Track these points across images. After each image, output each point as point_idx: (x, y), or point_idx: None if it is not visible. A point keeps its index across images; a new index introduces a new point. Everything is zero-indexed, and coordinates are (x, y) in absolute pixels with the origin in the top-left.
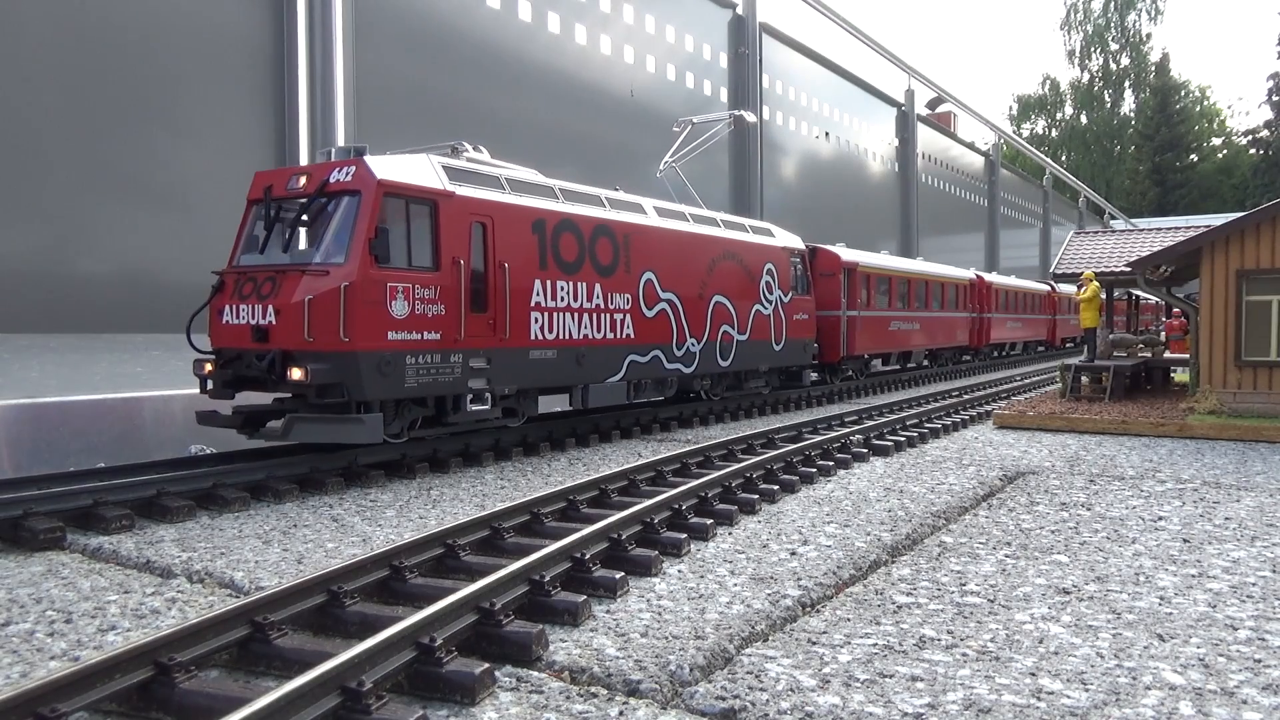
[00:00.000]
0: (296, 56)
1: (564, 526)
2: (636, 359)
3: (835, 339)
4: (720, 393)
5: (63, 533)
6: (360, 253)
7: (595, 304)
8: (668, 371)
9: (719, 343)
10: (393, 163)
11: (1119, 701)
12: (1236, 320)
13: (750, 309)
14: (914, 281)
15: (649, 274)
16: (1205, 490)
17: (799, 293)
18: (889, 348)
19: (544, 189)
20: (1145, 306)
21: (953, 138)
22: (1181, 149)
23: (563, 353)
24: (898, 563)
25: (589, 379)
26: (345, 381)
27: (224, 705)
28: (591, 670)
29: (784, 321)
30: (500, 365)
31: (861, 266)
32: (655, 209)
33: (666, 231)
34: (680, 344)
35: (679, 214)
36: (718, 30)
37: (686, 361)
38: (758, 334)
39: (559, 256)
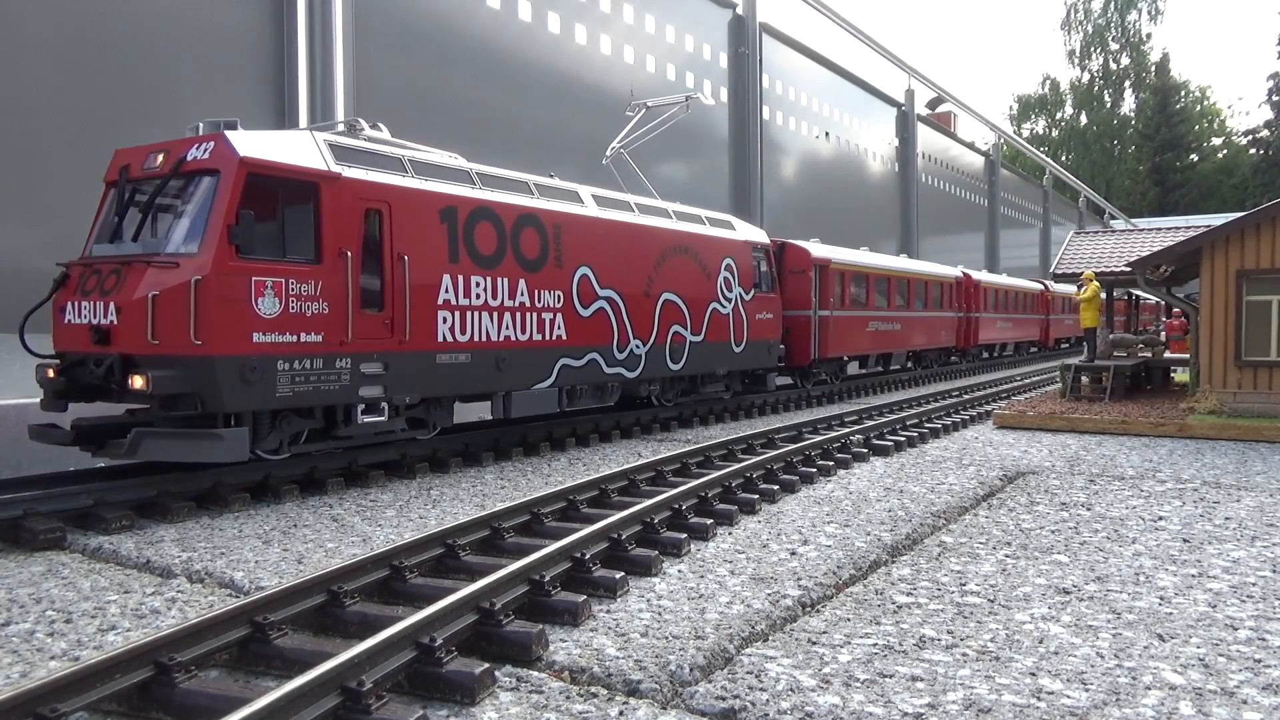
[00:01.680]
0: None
1: (564, 526)
2: (570, 363)
3: (806, 340)
4: (673, 398)
5: (63, 533)
6: (217, 242)
7: (519, 302)
8: (608, 376)
9: (669, 344)
10: (263, 139)
11: (1119, 701)
12: (1236, 320)
13: (706, 308)
14: (894, 279)
15: (584, 269)
16: (1205, 490)
17: (763, 290)
18: (867, 349)
19: (456, 173)
20: (1145, 306)
21: (953, 138)
22: (1181, 149)
23: (479, 356)
24: (898, 563)
25: (512, 385)
26: (199, 391)
27: (224, 705)
28: (591, 670)
29: (745, 321)
30: (400, 371)
31: (835, 263)
32: (594, 197)
33: (606, 223)
34: (622, 346)
35: (622, 204)
36: (718, 30)
37: (630, 365)
38: (714, 335)
39: (474, 249)
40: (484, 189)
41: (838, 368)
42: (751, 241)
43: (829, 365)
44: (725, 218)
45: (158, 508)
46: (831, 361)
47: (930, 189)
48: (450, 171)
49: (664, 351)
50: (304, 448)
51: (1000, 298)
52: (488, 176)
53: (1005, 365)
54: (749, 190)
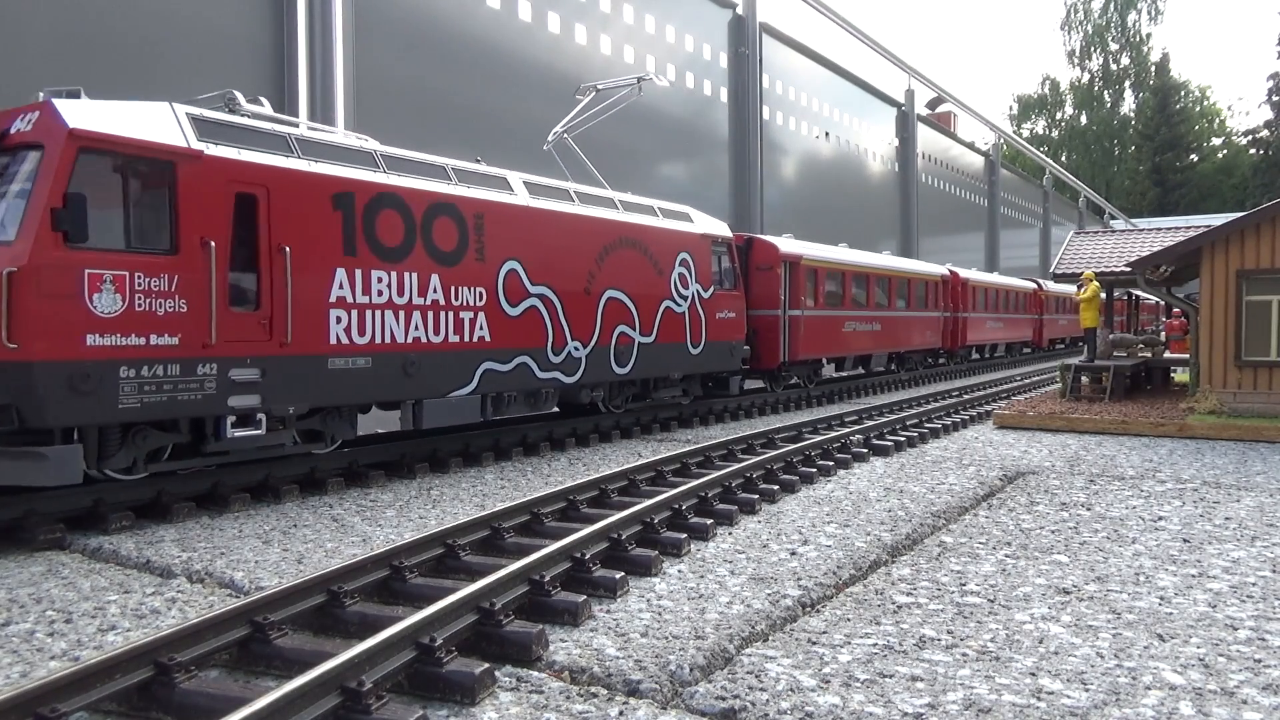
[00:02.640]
0: (296, 56)
1: (564, 526)
2: (494, 367)
3: (774, 342)
4: (621, 404)
5: (63, 533)
6: (37, 228)
7: (432, 300)
8: (541, 381)
9: (614, 346)
10: (104, 110)
11: (1119, 701)
12: (1236, 320)
13: (657, 306)
14: (874, 277)
15: (512, 263)
16: (1205, 490)
17: (724, 288)
18: (843, 351)
19: (355, 154)
20: (1145, 306)
21: (953, 138)
22: (1181, 149)
23: (382, 360)
24: (898, 563)
25: (424, 392)
26: (16, 402)
27: (224, 705)
28: (591, 670)
29: (704, 321)
30: (281, 377)
31: (807, 260)
32: (526, 185)
33: (540, 213)
34: (558, 348)
35: (560, 192)
36: (718, 30)
37: (568, 369)
38: (668, 335)
39: (376, 240)
40: (390, 173)
41: (812, 370)
42: (711, 235)
43: (801, 368)
44: (681, 209)
45: (158, 508)
46: (804, 364)
47: (930, 189)
48: (347, 153)
49: (608, 354)
50: (165, 466)
51: (990, 297)
52: (395, 159)
53: (995, 367)
54: (749, 190)
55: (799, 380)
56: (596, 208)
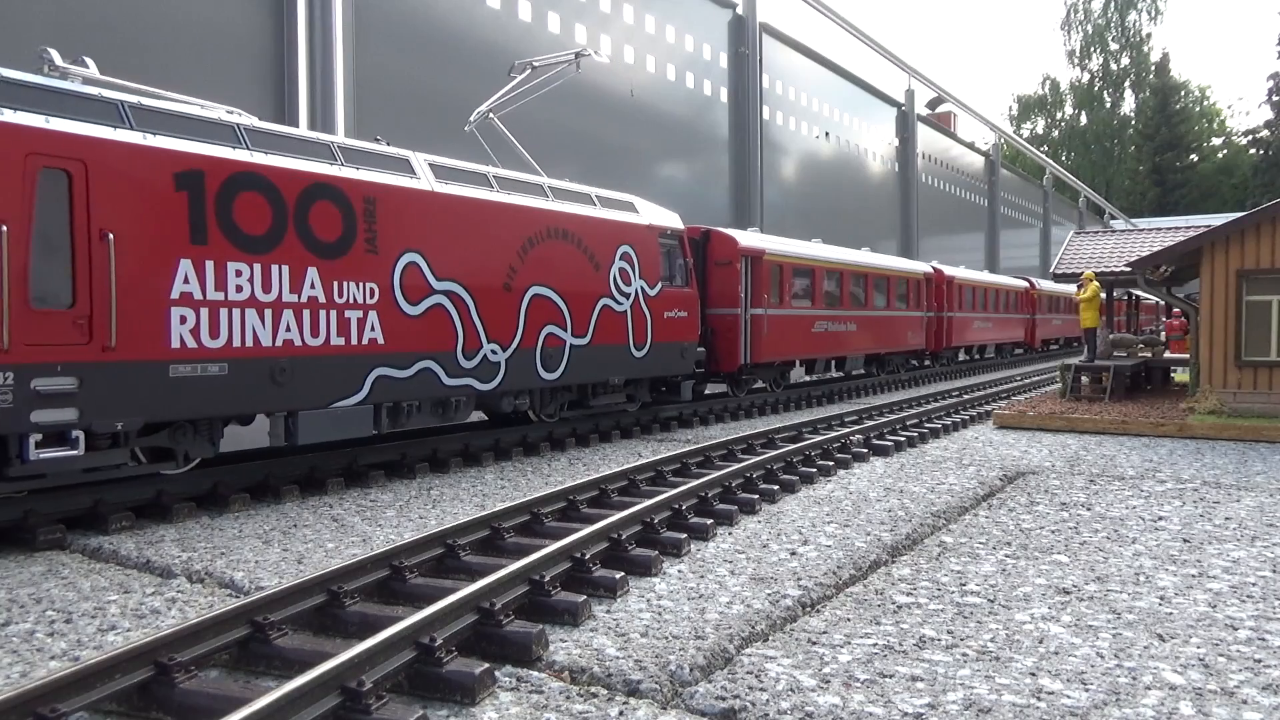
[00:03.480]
0: (296, 56)
1: (564, 526)
2: (390, 373)
3: (734, 342)
4: (555, 413)
5: (63, 533)
6: None
7: (308, 297)
8: (450, 389)
9: (540, 349)
10: None
11: (1119, 701)
12: (1236, 320)
13: (593, 305)
14: (848, 274)
15: (413, 256)
16: (1205, 490)
17: (674, 284)
18: (813, 352)
19: (209, 127)
20: (1145, 306)
21: (953, 138)
22: (1181, 149)
23: (242, 367)
24: (898, 563)
25: (298, 402)
26: None
27: (224, 705)
28: (591, 670)
29: (649, 321)
30: (104, 388)
31: (770, 255)
32: (432, 168)
33: (448, 199)
34: (471, 351)
35: (475, 177)
36: (718, 30)
37: (484, 375)
38: (606, 337)
39: (233, 227)
40: (255, 150)
41: (778, 374)
42: (659, 226)
43: (766, 371)
44: (625, 198)
45: (158, 508)
46: (768, 367)
47: (930, 189)
48: (198, 125)
49: (533, 358)
50: None
51: (978, 296)
52: (265, 135)
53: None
54: (749, 190)
55: (765, 384)
56: (520, 195)
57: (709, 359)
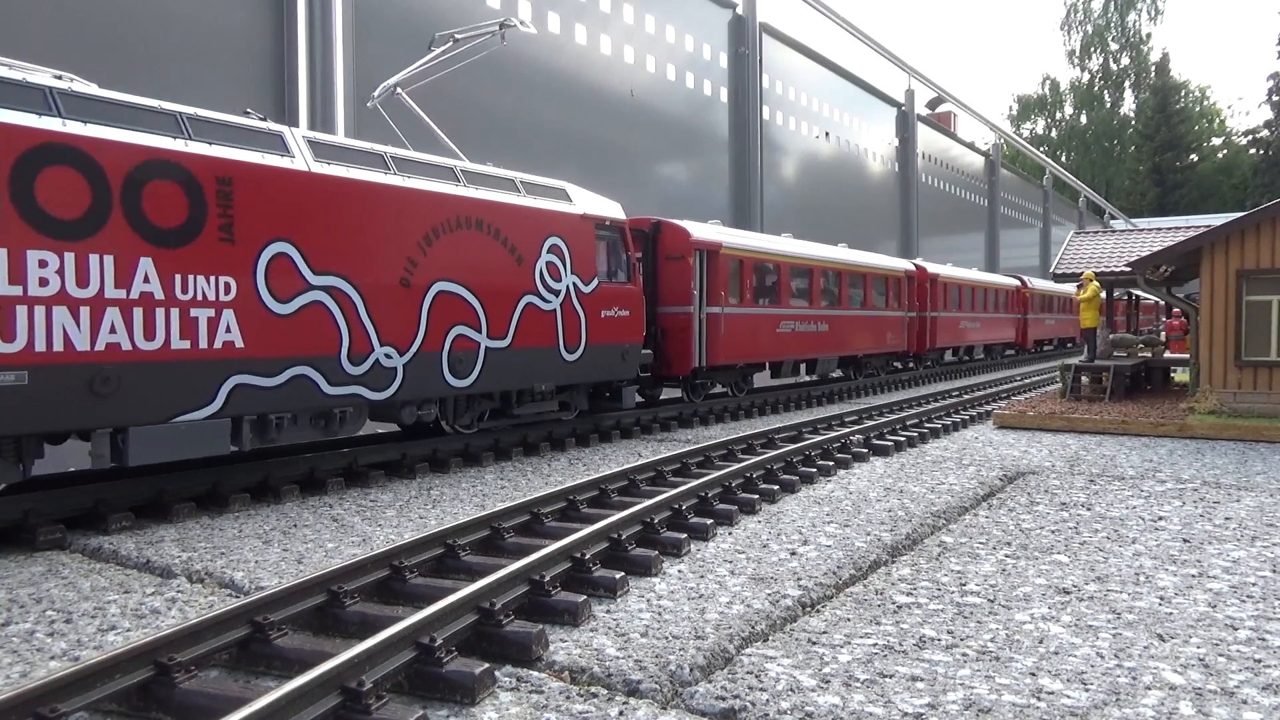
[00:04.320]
0: (296, 56)
1: (564, 526)
2: (252, 381)
3: (686, 344)
4: (471, 423)
5: (63, 533)
6: None
7: (140, 292)
8: (332, 399)
9: (447, 352)
10: None
11: (1119, 701)
12: (1236, 320)
13: (514, 303)
14: (819, 271)
15: (283, 246)
16: (1205, 490)
17: (615, 280)
18: (779, 354)
19: (14, 90)
20: (1145, 306)
21: (953, 138)
22: (1181, 149)
23: (47, 376)
24: (898, 563)
25: (128, 417)
26: None
27: (224, 705)
28: (591, 670)
29: (583, 320)
30: None
31: (729, 249)
32: (310, 144)
33: (329, 181)
34: (359, 355)
35: (368, 157)
36: (718, 30)
37: (376, 382)
38: (530, 338)
39: (36, 208)
40: (68, 118)
41: (739, 377)
42: (594, 216)
43: (725, 374)
44: (556, 184)
45: (158, 508)
46: (727, 370)
47: (930, 189)
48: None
49: (438, 362)
50: None
51: (965, 294)
52: (82, 100)
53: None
54: (749, 190)
55: (726, 389)
56: (425, 179)
57: (659, 362)
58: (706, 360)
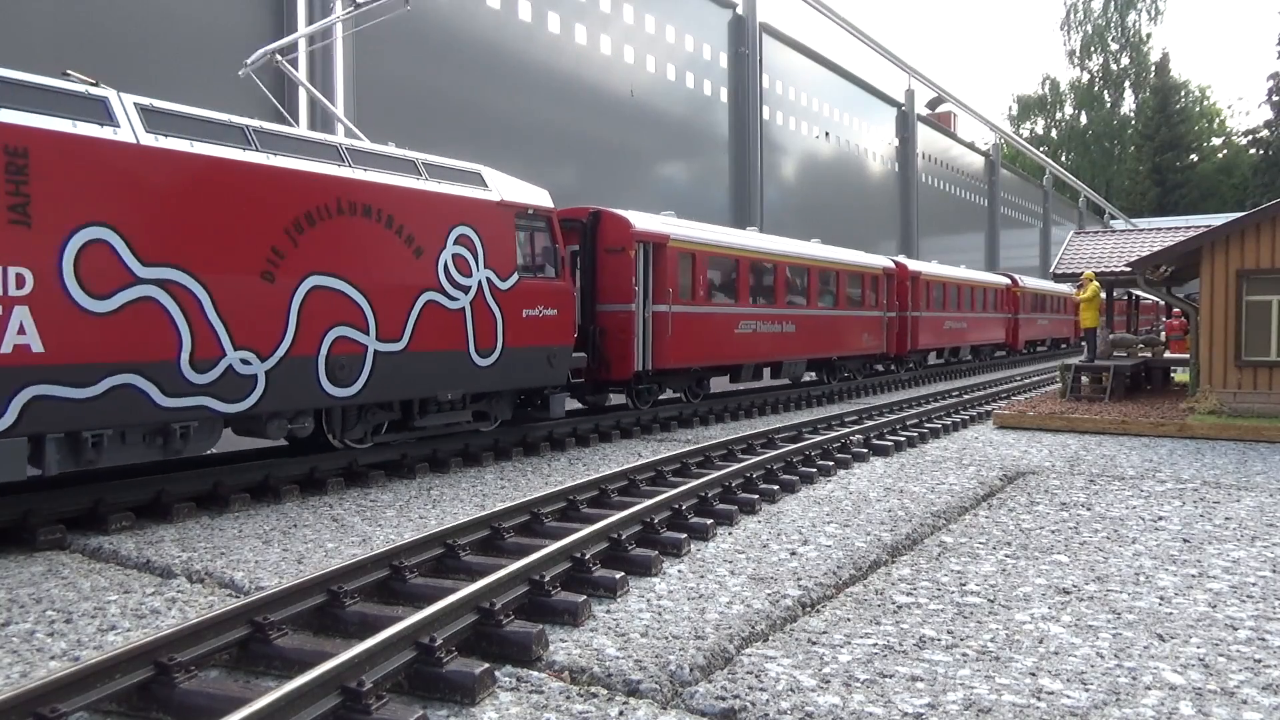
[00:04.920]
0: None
1: (564, 526)
2: (57, 393)
3: (627, 345)
4: (365, 437)
5: (63, 533)
6: None
7: None
8: (169, 412)
9: (324, 356)
10: None
11: (1119, 701)
12: (1236, 320)
13: (411, 300)
14: (783, 267)
15: (100, 231)
16: (1205, 490)
17: (540, 275)
18: (737, 357)
19: None
20: (1145, 306)
21: (953, 138)
22: (1181, 149)
23: None
24: (898, 563)
25: None
26: None
27: (224, 705)
28: (591, 670)
29: (499, 320)
30: None
31: (677, 241)
32: (142, 112)
33: (165, 156)
34: (205, 360)
35: (219, 129)
36: (718, 30)
37: (229, 391)
38: (431, 341)
39: None
40: None
41: (693, 381)
42: (514, 204)
43: (675, 378)
44: (468, 168)
45: (158, 508)
46: (677, 373)
47: (930, 189)
48: None
49: (313, 368)
50: None
51: (950, 293)
52: None
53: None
54: (749, 190)
55: (680, 394)
56: (296, 158)
57: (597, 365)
58: (652, 363)
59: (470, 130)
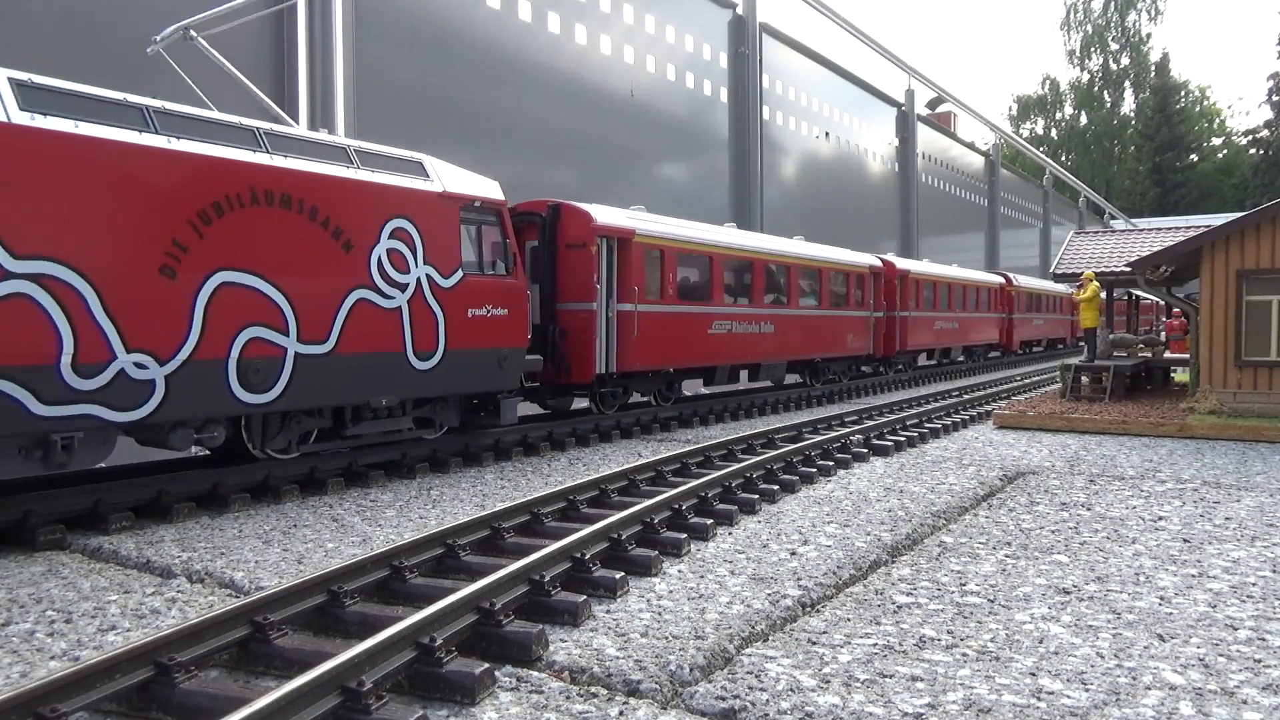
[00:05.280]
0: (296, 56)
1: (564, 526)
2: None
3: (588, 347)
4: (291, 445)
5: (63, 533)
6: None
7: None
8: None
9: (236, 359)
10: None
11: (1119, 701)
12: (1236, 320)
13: (340, 299)
14: (760, 265)
15: None
16: (1205, 490)
17: (488, 272)
18: (711, 359)
19: None
20: (1145, 306)
21: (953, 138)
22: (1181, 149)
23: None
24: (898, 563)
25: None
26: None
27: (224, 705)
28: (591, 670)
29: (440, 320)
30: None
31: (643, 237)
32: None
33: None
34: (93, 364)
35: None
36: (718, 30)
37: (122, 399)
38: (364, 342)
39: None
40: None
41: (663, 385)
42: (458, 195)
43: (643, 381)
44: (407, 156)
45: (158, 508)
46: (645, 376)
47: (930, 189)
48: None
49: (222, 372)
50: None
51: (941, 293)
52: None
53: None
54: (749, 190)
55: (649, 398)
56: (205, 143)
57: (557, 368)
58: (616, 365)
59: (470, 130)
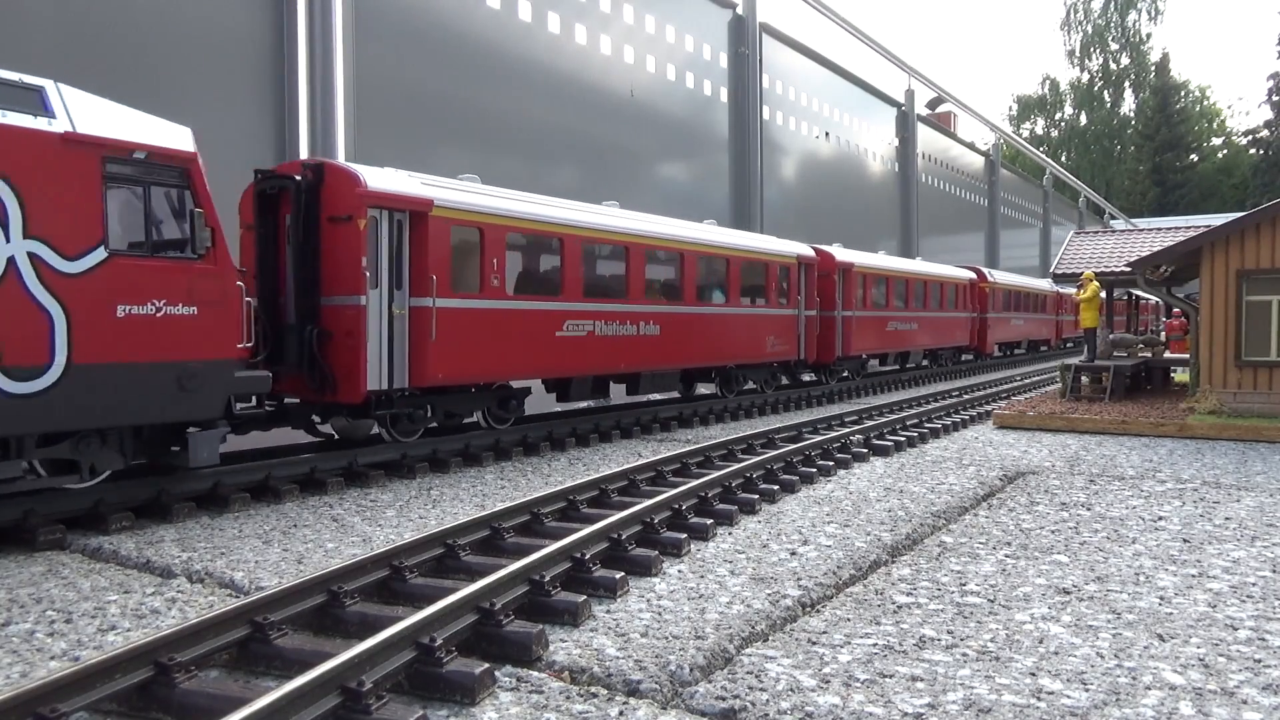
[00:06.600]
0: (296, 56)
1: (564, 526)
2: None
3: (356, 354)
4: None
5: (63, 533)
6: None
7: None
8: None
9: None
10: None
11: (1119, 701)
12: (1236, 320)
13: None
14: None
15: None
16: (1205, 490)
17: (158, 253)
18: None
19: None
20: (1145, 306)
21: (953, 138)
22: (1181, 149)
23: None
24: (898, 563)
25: None
26: None
27: (224, 705)
28: (591, 670)
29: (56, 320)
30: None
31: (445, 209)
32: None
33: None
34: None
35: None
36: (718, 30)
37: None
38: None
39: None
40: None
41: (492, 401)
42: (97, 141)
43: (462, 399)
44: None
45: (158, 508)
46: (462, 393)
47: (930, 189)
48: None
49: None
50: None
51: (895, 289)
52: None
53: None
54: (749, 190)
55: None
56: None
57: (318, 383)
58: (408, 379)
59: (470, 130)
